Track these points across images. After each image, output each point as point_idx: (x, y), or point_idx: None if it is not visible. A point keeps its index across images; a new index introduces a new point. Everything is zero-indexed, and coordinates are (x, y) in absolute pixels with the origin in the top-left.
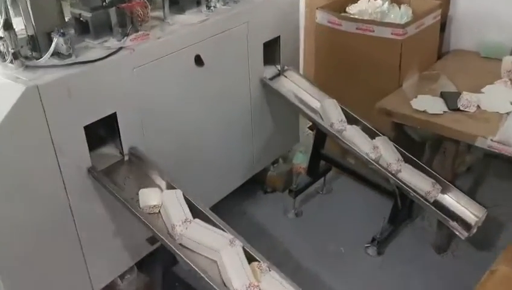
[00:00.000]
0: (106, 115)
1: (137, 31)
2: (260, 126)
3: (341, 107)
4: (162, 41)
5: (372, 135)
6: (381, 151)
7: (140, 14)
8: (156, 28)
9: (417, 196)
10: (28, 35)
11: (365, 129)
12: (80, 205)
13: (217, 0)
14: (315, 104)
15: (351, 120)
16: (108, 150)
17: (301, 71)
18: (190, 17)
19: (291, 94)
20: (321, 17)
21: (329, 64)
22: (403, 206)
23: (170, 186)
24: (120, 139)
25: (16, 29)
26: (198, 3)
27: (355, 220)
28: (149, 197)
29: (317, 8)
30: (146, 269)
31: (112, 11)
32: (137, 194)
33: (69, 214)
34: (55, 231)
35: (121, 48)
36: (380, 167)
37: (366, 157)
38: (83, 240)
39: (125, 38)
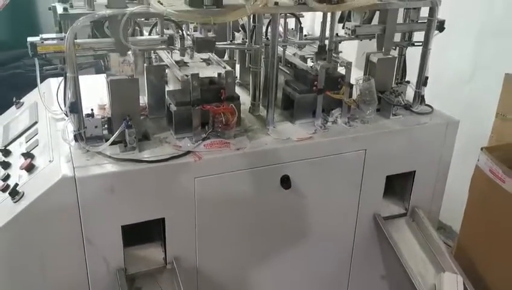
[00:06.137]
0: (152, 219)
1: (217, 136)
2: (362, 274)
3: None
4: (239, 155)
5: None
6: None
7: (223, 121)
8: (244, 135)
9: None
10: (107, 116)
11: None
12: None
13: (340, 115)
14: (435, 271)
15: None
16: (154, 252)
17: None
18: (297, 130)
19: (408, 247)
20: (483, 161)
21: (480, 226)
22: None
23: None
24: (165, 246)
25: None
26: (314, 114)
27: None
28: None
29: (482, 148)
30: None
31: (195, 111)
32: None
33: None
34: None
35: (187, 153)
36: None
37: None
38: None
39: (200, 142)
